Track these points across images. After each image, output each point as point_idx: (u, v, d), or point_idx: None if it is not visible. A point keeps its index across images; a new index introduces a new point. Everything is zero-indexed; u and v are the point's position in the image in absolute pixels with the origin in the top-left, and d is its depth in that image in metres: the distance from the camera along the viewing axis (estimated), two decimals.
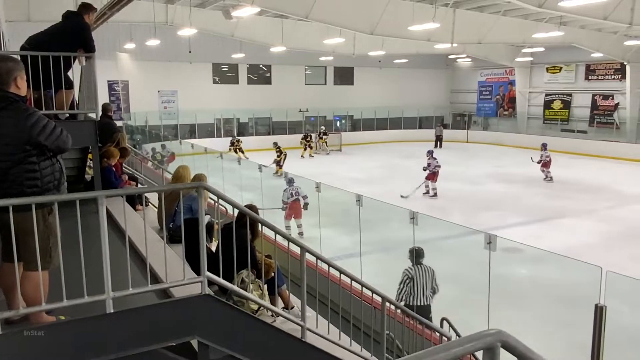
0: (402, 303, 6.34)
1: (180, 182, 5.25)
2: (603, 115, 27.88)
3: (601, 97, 27.95)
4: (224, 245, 3.51)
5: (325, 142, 27.39)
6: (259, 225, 3.66)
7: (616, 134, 26.74)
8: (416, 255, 6.79)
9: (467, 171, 20.74)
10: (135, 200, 5.81)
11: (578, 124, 28.79)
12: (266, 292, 3.83)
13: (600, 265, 4.80)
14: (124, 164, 6.94)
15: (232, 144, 23.94)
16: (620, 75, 26.58)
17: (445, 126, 33.66)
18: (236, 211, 3.59)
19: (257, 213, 3.79)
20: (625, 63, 25.40)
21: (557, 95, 30.22)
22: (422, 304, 6.53)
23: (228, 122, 28.49)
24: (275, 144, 20.98)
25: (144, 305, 2.95)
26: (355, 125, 32.64)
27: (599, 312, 4.32)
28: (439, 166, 16.11)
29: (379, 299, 4.44)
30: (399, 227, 8.09)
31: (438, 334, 5.42)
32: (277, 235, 3.49)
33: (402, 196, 15.09)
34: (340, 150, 27.65)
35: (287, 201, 11.52)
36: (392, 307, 4.78)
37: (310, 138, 26.27)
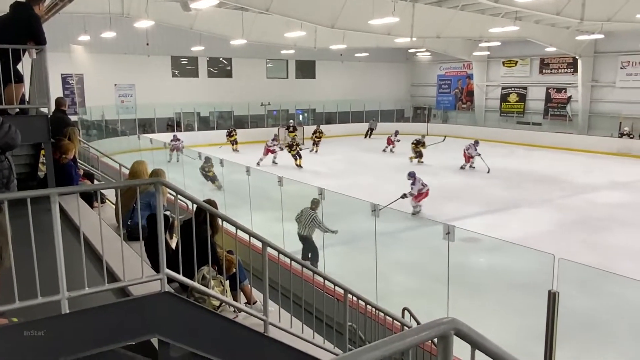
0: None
1: (137, 178, 5.14)
2: (556, 108, 28.87)
3: (555, 90, 28.91)
4: (184, 242, 3.46)
5: (294, 137, 27.18)
6: (219, 220, 3.63)
7: (569, 125, 27.75)
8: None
9: (427, 163, 21.11)
10: (92, 198, 5.66)
11: (533, 116, 29.71)
12: (228, 288, 3.80)
13: (554, 252, 4.99)
14: (78, 160, 6.73)
15: (230, 134, 24.46)
16: (572, 69, 27.55)
17: (407, 119, 34.10)
18: (196, 207, 3.54)
19: (217, 208, 3.75)
20: (577, 57, 26.37)
21: (513, 89, 31.08)
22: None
23: (188, 116, 28.03)
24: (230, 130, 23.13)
25: (101, 304, 2.88)
26: (318, 118, 32.68)
27: (552, 298, 4.48)
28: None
29: (342, 291, 4.49)
30: (361, 219, 8.18)
31: (400, 324, 5.51)
32: (238, 230, 3.47)
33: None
34: (303, 144, 27.60)
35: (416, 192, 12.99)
36: (354, 298, 4.83)
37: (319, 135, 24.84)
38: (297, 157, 20.25)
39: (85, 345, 2.76)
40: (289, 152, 20.28)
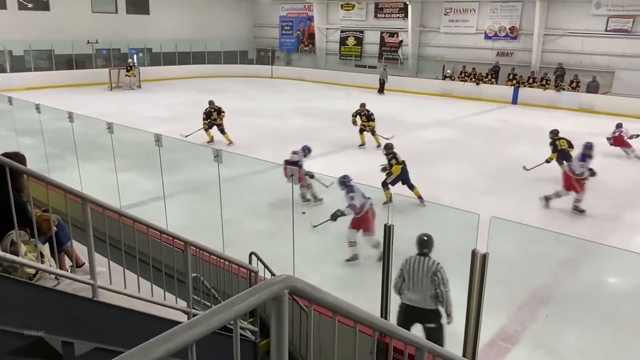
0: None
1: None
2: (390, 52, 30.58)
3: (388, 34, 30.49)
4: None
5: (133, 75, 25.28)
6: (25, 176, 3.10)
7: (400, 68, 29.65)
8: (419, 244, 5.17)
9: (272, 106, 21.13)
10: None
11: (369, 59, 31.16)
12: (47, 252, 3.33)
13: (392, 190, 5.29)
14: None
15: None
16: (403, 14, 29.18)
17: (251, 61, 33.42)
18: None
19: (25, 163, 3.20)
20: (407, 3, 27.94)
21: (351, 32, 32.08)
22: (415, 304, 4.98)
23: None
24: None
25: None
26: (155, 59, 30.46)
27: (388, 231, 4.79)
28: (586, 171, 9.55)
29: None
30: (204, 166, 7.86)
31: (246, 269, 5.48)
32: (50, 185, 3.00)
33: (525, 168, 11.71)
34: (140, 87, 25.68)
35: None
36: (197, 249, 4.64)
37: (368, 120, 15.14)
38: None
39: None
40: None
